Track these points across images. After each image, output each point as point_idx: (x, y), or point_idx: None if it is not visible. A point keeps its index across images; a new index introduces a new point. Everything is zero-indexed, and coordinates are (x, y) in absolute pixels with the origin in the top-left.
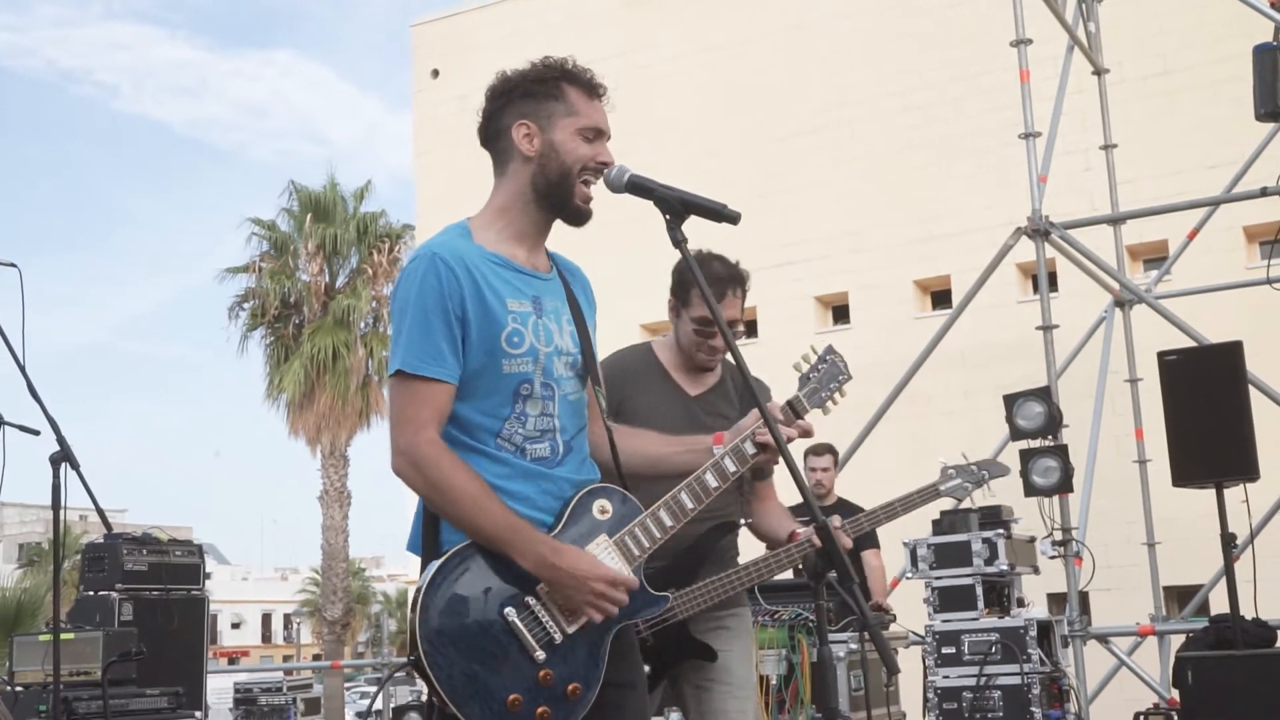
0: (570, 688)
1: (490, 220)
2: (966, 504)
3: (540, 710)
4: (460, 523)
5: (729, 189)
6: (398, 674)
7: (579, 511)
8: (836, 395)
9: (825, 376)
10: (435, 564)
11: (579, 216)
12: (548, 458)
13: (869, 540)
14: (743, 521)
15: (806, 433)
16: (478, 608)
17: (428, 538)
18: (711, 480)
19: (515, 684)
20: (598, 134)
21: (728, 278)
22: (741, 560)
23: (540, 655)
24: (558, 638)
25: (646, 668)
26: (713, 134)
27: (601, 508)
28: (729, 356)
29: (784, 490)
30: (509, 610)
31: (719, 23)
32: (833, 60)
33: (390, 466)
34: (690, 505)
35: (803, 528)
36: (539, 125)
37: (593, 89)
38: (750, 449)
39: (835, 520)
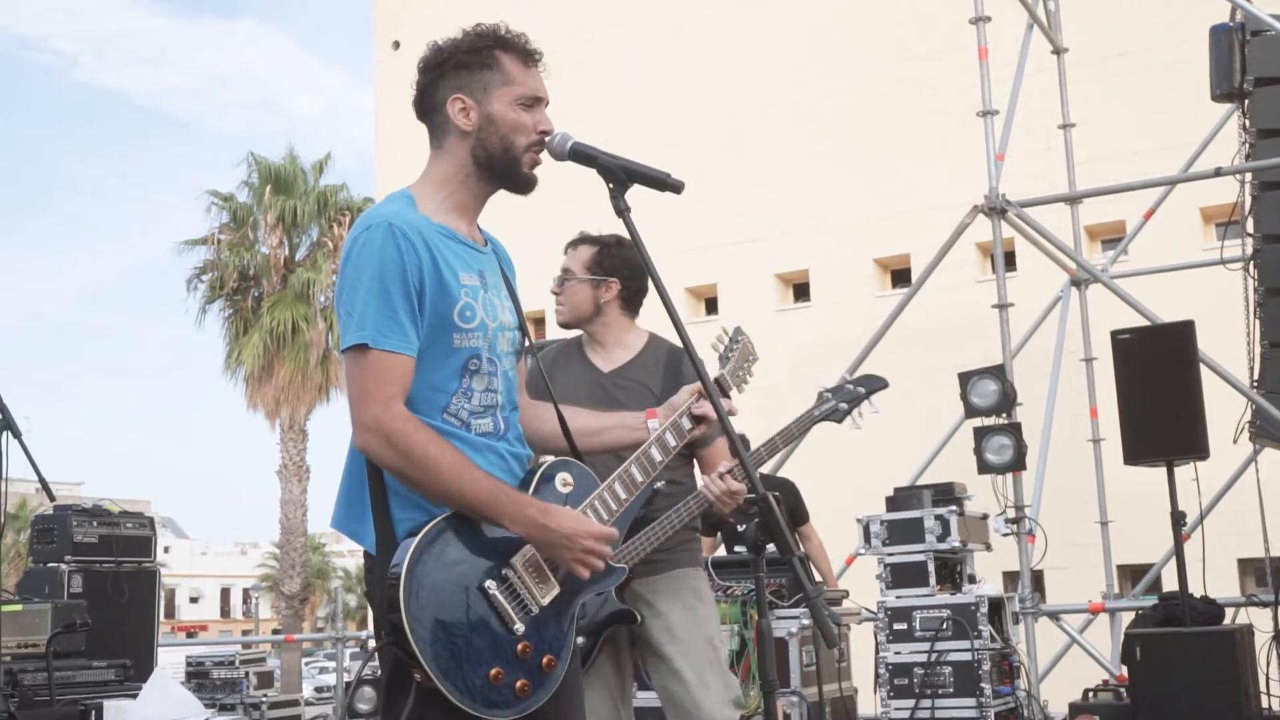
0: (545, 660)
1: (431, 191)
2: (848, 423)
3: (520, 683)
4: (442, 493)
5: (689, 167)
6: (352, 649)
7: (543, 485)
8: (748, 375)
9: (740, 356)
10: (413, 541)
11: (525, 185)
12: (490, 432)
13: (802, 516)
14: (658, 485)
15: (731, 411)
16: (460, 582)
17: (378, 514)
18: (656, 454)
19: (497, 658)
20: (536, 101)
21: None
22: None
23: (520, 627)
24: (533, 609)
25: (580, 639)
26: (673, 112)
27: (564, 480)
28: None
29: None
30: (489, 583)
31: None
32: (793, 37)
33: (355, 444)
34: (640, 478)
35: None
36: (474, 98)
37: (528, 55)
38: (687, 423)
39: (722, 466)
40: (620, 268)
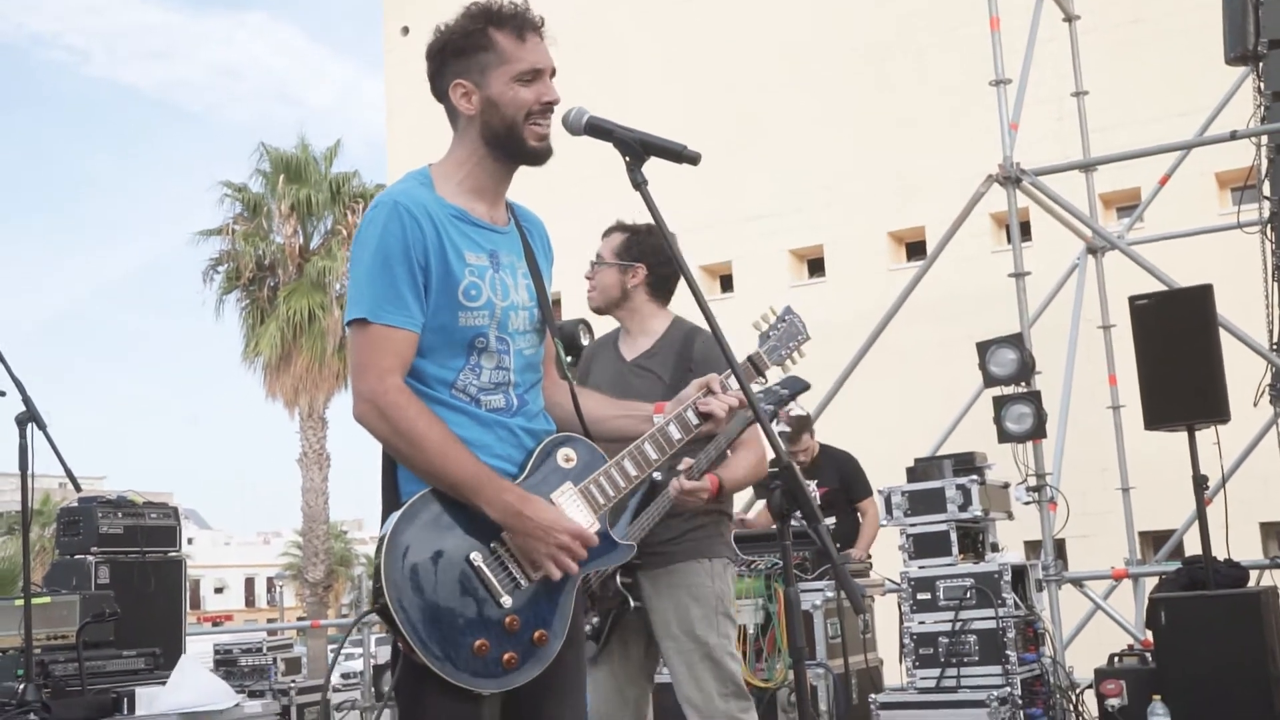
0: (537, 634)
1: (450, 171)
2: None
3: (507, 656)
4: (426, 470)
5: (700, 145)
6: (378, 635)
7: (543, 459)
8: (795, 354)
9: (785, 335)
10: (398, 512)
11: (538, 157)
12: (502, 409)
13: (864, 489)
14: (657, 476)
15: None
16: (443, 553)
17: (386, 487)
18: (651, 451)
19: (481, 630)
20: (536, 74)
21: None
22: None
23: (506, 601)
24: (523, 583)
25: (596, 618)
26: (682, 90)
27: (566, 456)
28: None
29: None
30: (475, 555)
31: None
32: (803, 12)
33: (352, 414)
34: (634, 472)
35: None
36: (474, 82)
37: (523, 28)
38: (693, 418)
39: (682, 464)
40: (648, 253)
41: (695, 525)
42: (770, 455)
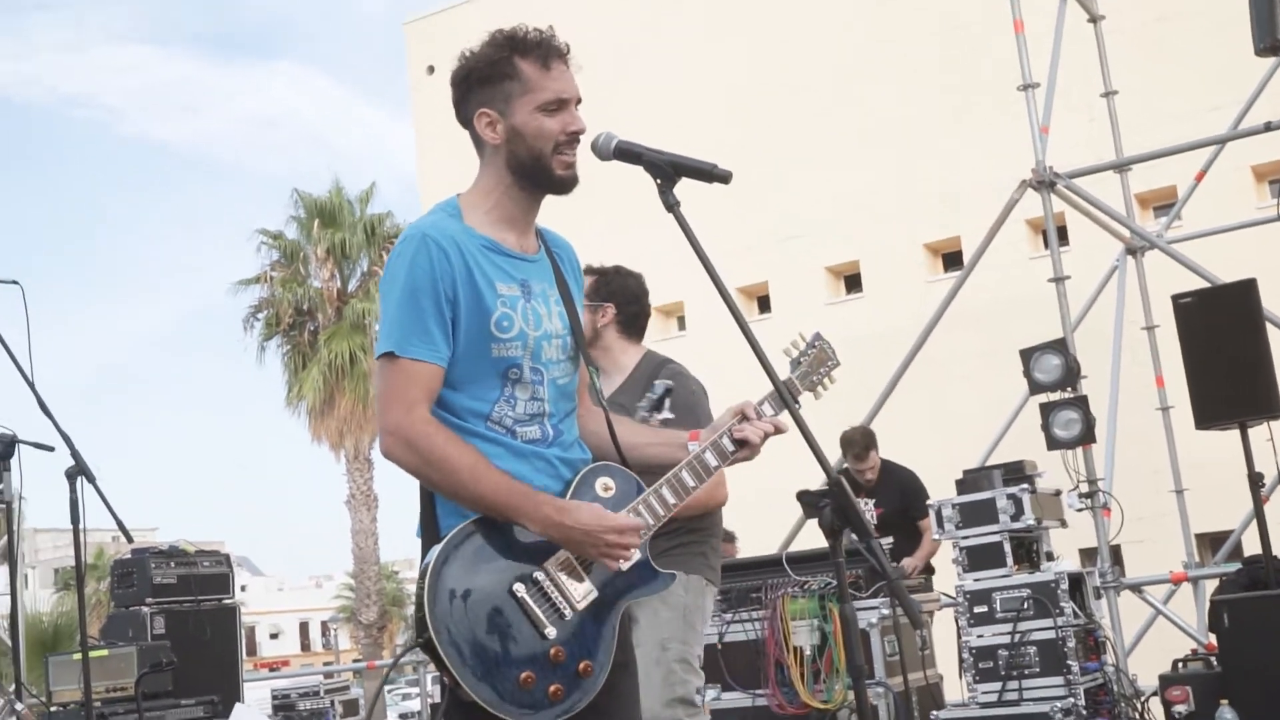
0: (582, 665)
1: (477, 200)
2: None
3: (553, 688)
4: (461, 494)
5: (732, 167)
6: (434, 674)
7: (582, 489)
8: (826, 380)
9: (815, 361)
10: (439, 546)
11: (564, 187)
12: (538, 439)
13: (921, 510)
14: None
15: (780, 429)
16: (486, 586)
17: (426, 522)
18: (689, 479)
19: (527, 662)
20: (561, 104)
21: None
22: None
23: (551, 631)
24: (567, 614)
25: None
26: (715, 113)
27: (605, 484)
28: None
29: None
30: (518, 586)
31: None
32: (834, 29)
33: (380, 450)
34: (692, 484)
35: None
36: (498, 110)
37: (548, 56)
38: (729, 445)
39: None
40: (616, 293)
41: (677, 543)
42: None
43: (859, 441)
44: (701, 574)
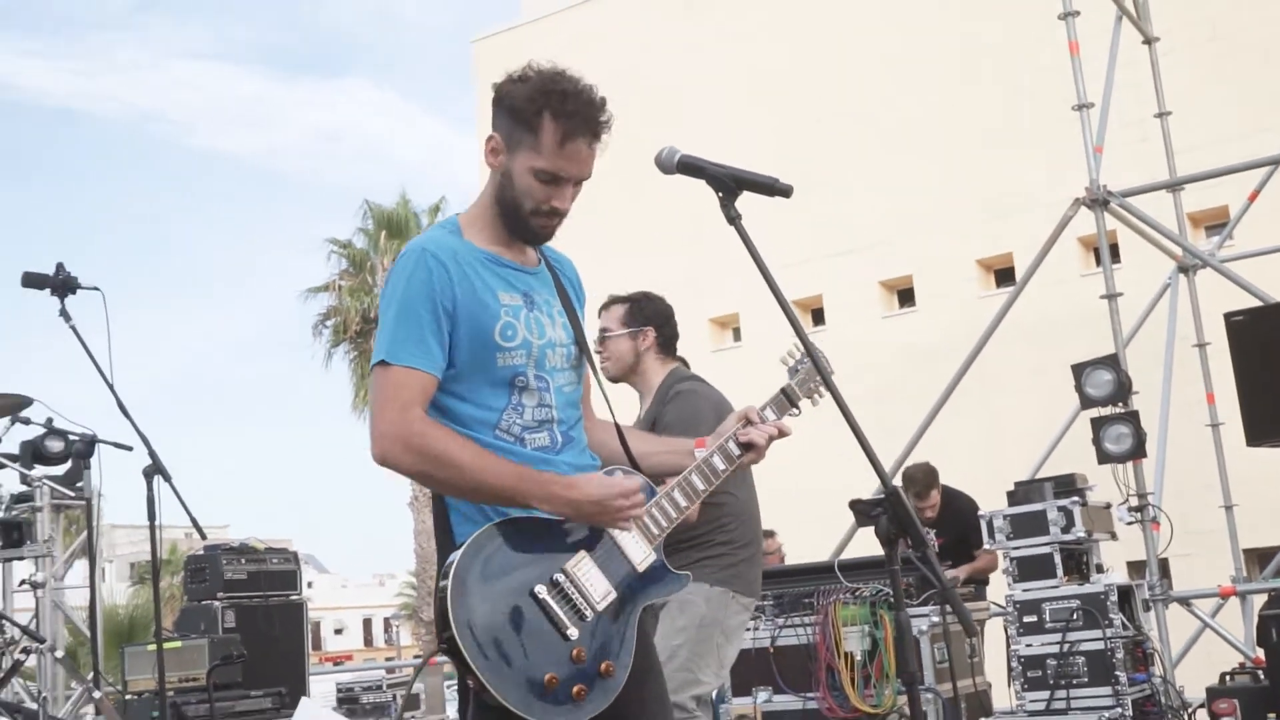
0: (604, 665)
1: (475, 217)
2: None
3: (577, 689)
4: (465, 487)
5: (787, 180)
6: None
7: None
8: (822, 388)
9: (809, 370)
10: (459, 550)
11: (536, 240)
12: (548, 446)
13: (978, 541)
14: None
15: (784, 432)
16: (508, 588)
17: (440, 530)
18: (698, 482)
19: (551, 663)
20: (556, 180)
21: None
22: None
23: (573, 632)
24: (588, 614)
25: None
26: (768, 128)
27: None
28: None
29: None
30: (539, 588)
31: (770, 10)
32: (880, 42)
33: (373, 456)
34: (701, 487)
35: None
36: (505, 144)
37: (574, 134)
38: (735, 449)
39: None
40: (652, 317)
41: (706, 555)
42: None
43: (920, 480)
44: (729, 586)
